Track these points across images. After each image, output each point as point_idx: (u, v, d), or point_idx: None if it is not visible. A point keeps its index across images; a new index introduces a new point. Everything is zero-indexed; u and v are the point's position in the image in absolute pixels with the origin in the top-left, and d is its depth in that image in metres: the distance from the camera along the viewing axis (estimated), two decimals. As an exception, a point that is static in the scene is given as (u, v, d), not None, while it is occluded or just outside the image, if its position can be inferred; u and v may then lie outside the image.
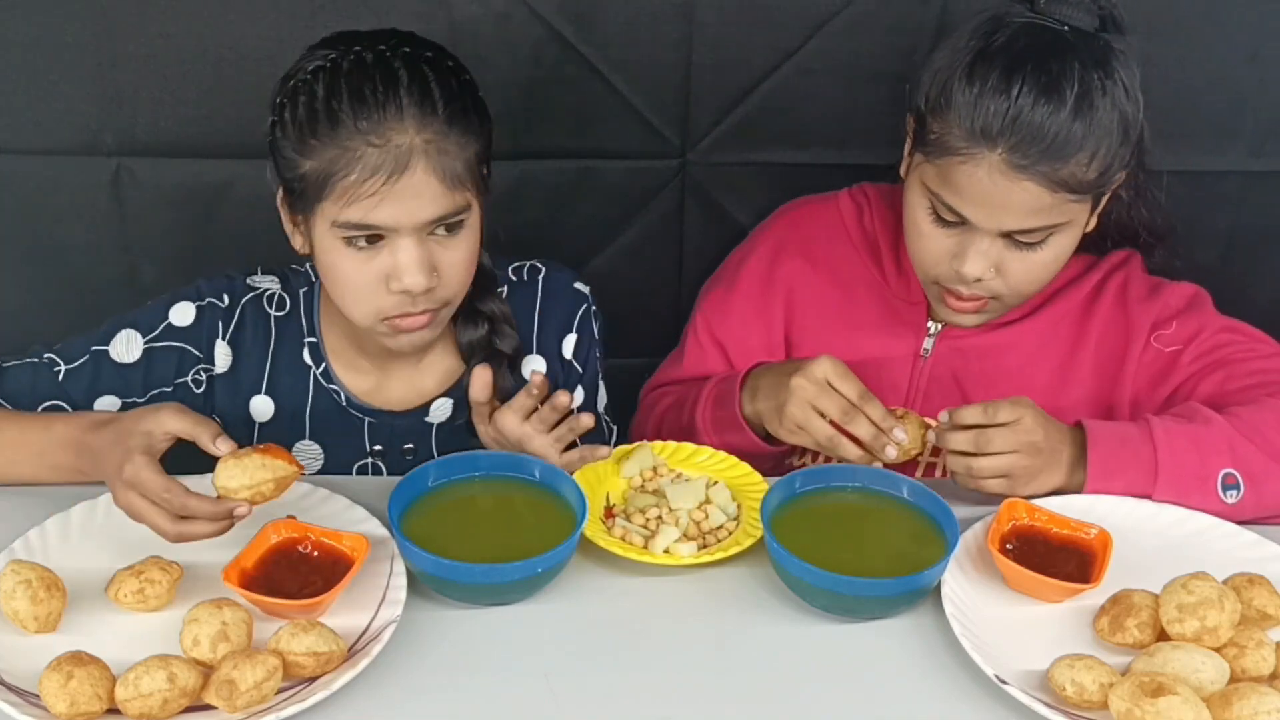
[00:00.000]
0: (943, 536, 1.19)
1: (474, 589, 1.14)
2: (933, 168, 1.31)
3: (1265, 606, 1.14)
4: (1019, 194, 1.26)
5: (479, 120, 1.27)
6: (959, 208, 1.30)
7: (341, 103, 1.21)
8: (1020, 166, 1.25)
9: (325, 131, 1.21)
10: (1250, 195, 1.73)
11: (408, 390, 1.43)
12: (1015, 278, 1.34)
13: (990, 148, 1.26)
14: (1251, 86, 1.66)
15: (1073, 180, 1.26)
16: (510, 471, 1.26)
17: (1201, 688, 1.04)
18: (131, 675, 1.00)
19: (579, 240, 1.75)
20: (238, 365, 1.40)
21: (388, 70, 1.22)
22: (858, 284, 1.51)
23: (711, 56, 1.64)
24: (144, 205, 1.66)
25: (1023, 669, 1.09)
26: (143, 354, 1.36)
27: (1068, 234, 1.32)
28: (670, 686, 1.08)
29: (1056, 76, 1.25)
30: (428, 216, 1.23)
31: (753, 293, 1.54)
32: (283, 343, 1.41)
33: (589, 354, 1.48)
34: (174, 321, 1.38)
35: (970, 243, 1.31)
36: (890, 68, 1.65)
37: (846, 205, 1.54)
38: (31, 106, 1.60)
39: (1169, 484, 1.28)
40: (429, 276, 1.25)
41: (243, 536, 1.16)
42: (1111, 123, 1.27)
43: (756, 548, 1.21)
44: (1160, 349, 1.43)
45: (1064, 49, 1.27)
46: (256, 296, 1.41)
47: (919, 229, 1.36)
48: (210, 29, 1.56)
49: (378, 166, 1.20)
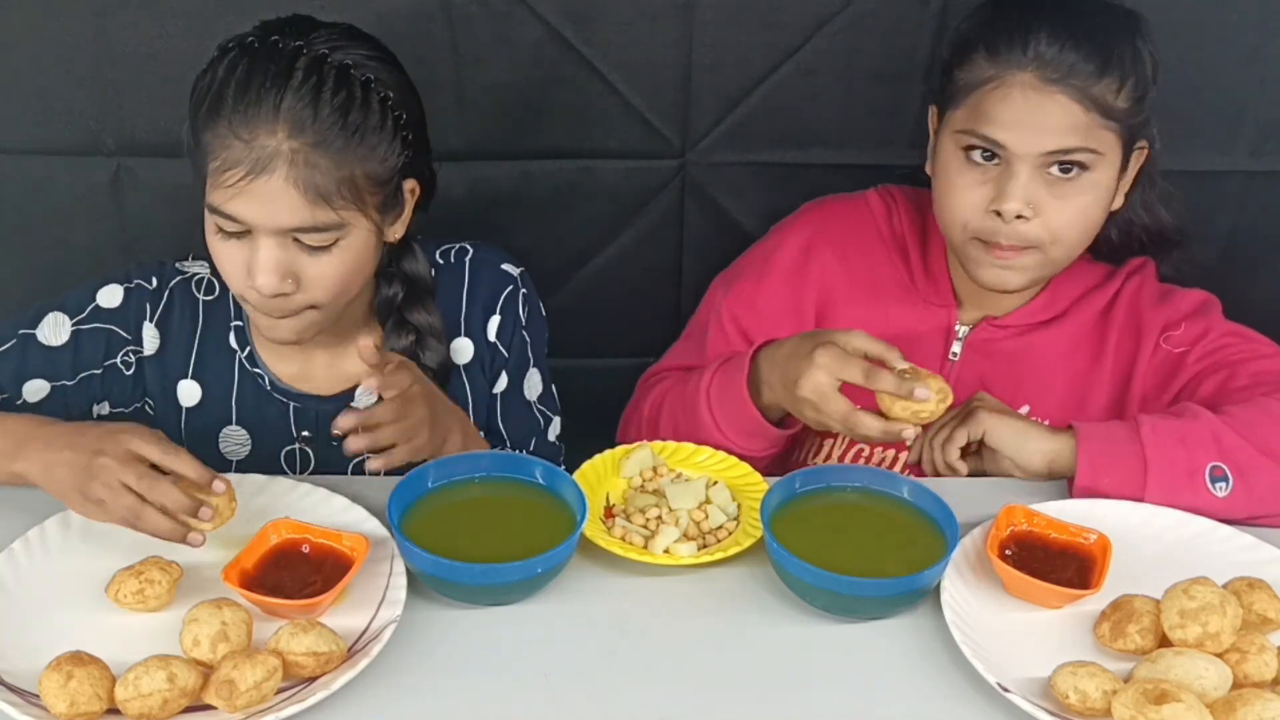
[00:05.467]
0: (943, 537, 1.19)
1: (474, 589, 1.14)
2: (962, 110, 1.35)
3: (1266, 610, 1.14)
4: (1053, 108, 1.30)
5: (380, 140, 1.24)
6: (994, 134, 1.32)
7: (228, 89, 1.21)
8: (1052, 80, 1.30)
9: (209, 112, 1.22)
10: (1250, 195, 1.73)
11: (332, 374, 1.43)
12: (1056, 220, 1.34)
13: (1020, 67, 1.31)
14: (1251, 86, 1.66)
15: (1104, 102, 1.30)
16: (510, 471, 1.25)
17: (1205, 694, 1.03)
18: (131, 675, 1.00)
19: (579, 240, 1.75)
20: (165, 348, 1.40)
21: (286, 68, 1.21)
22: (888, 284, 1.51)
23: (711, 56, 1.64)
24: (144, 205, 1.66)
25: (1024, 676, 1.08)
26: (71, 336, 1.36)
27: (1100, 175, 1.34)
28: (670, 686, 1.08)
29: (1079, 6, 1.34)
30: (285, 224, 1.22)
31: (784, 285, 1.52)
32: (210, 327, 1.41)
33: (513, 336, 1.46)
34: (101, 303, 1.38)
35: (1009, 176, 1.33)
36: (890, 68, 1.65)
37: (876, 204, 1.54)
38: (31, 106, 1.60)
39: (1159, 480, 1.29)
40: (281, 281, 1.23)
41: (243, 537, 1.16)
42: (1138, 55, 1.33)
43: (756, 548, 1.21)
44: (1169, 350, 1.45)
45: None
46: (185, 280, 1.41)
47: (952, 182, 1.37)
48: (210, 29, 1.55)
49: (238, 161, 1.19)
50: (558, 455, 1.53)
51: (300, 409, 1.42)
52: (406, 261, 1.40)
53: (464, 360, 1.46)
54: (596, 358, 1.78)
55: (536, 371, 1.50)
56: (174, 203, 1.65)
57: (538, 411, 1.50)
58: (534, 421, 1.50)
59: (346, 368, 1.42)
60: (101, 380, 1.39)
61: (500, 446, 1.49)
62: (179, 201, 1.65)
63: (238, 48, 1.24)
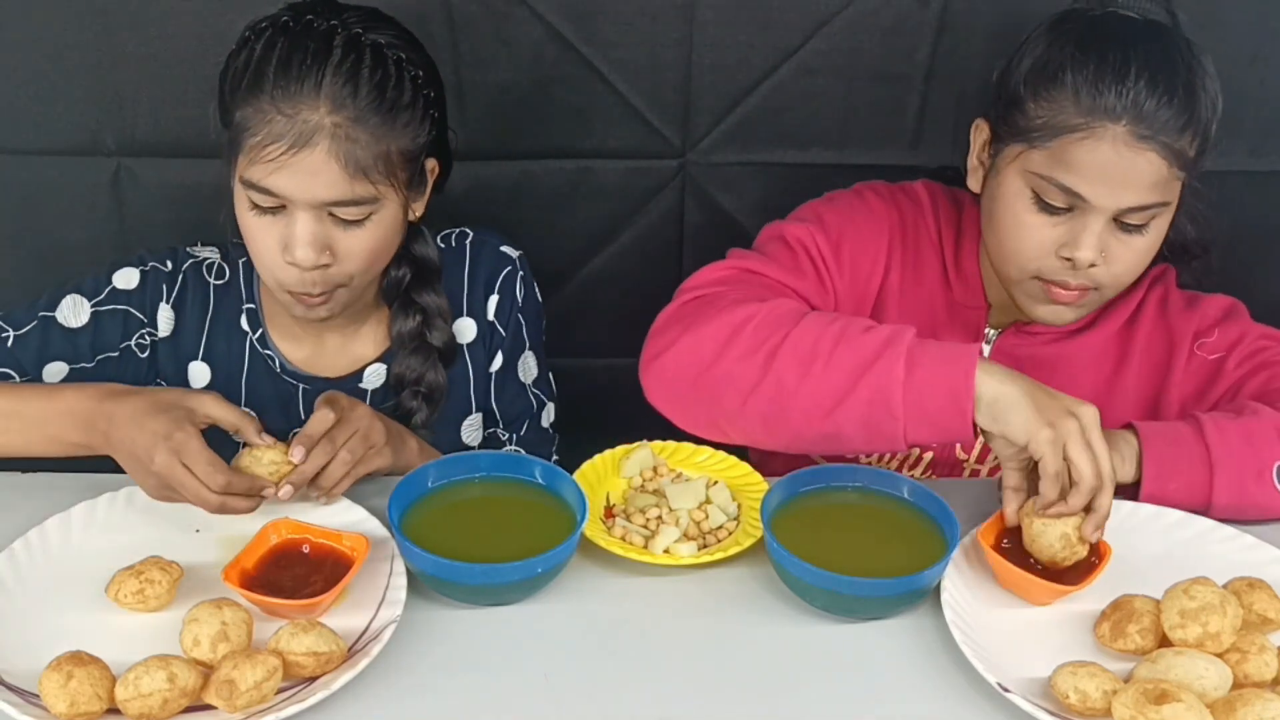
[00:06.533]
0: (943, 536, 1.19)
1: (474, 589, 1.14)
2: (1041, 153, 1.30)
3: (1266, 611, 1.14)
4: (1142, 165, 1.26)
5: (412, 118, 1.28)
6: (1076, 186, 1.28)
7: (269, 66, 1.24)
8: (1144, 137, 1.25)
9: (249, 88, 1.24)
10: (1250, 195, 1.73)
11: (342, 357, 1.46)
12: (1119, 264, 1.33)
13: (1114, 120, 1.26)
14: (1251, 86, 1.66)
15: (1184, 156, 1.28)
16: (510, 472, 1.26)
17: (1205, 694, 1.03)
18: (131, 675, 1.00)
19: (579, 240, 1.75)
20: (179, 330, 1.43)
21: (324, 45, 1.24)
22: (929, 281, 1.48)
23: (711, 56, 1.64)
24: (144, 205, 1.66)
25: (1024, 676, 1.08)
26: (90, 317, 1.38)
27: (1164, 219, 1.33)
28: (670, 686, 1.08)
29: (1167, 54, 1.28)
30: (324, 197, 1.25)
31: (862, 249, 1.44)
32: (220, 310, 1.44)
33: (510, 316, 1.49)
34: (118, 285, 1.40)
35: (1084, 226, 1.30)
36: (890, 68, 1.65)
37: (923, 196, 1.50)
38: (31, 106, 1.60)
39: (1226, 480, 1.27)
40: (319, 254, 1.27)
41: (243, 536, 1.16)
42: (1211, 101, 1.30)
43: (756, 548, 1.21)
44: (1204, 357, 1.43)
45: (1161, 31, 1.31)
46: (196, 264, 1.44)
47: (1020, 220, 1.33)
48: (210, 29, 1.56)
49: (280, 135, 1.22)
50: (550, 442, 1.54)
51: (309, 391, 1.44)
52: (416, 244, 1.43)
53: (467, 340, 1.49)
54: (597, 358, 1.78)
55: (532, 354, 1.52)
56: (174, 203, 1.65)
57: (532, 394, 1.52)
58: (527, 403, 1.52)
59: (356, 350, 1.46)
60: (118, 362, 1.41)
61: (494, 427, 1.50)
62: (179, 201, 1.65)
63: (272, 27, 1.26)
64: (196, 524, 1.22)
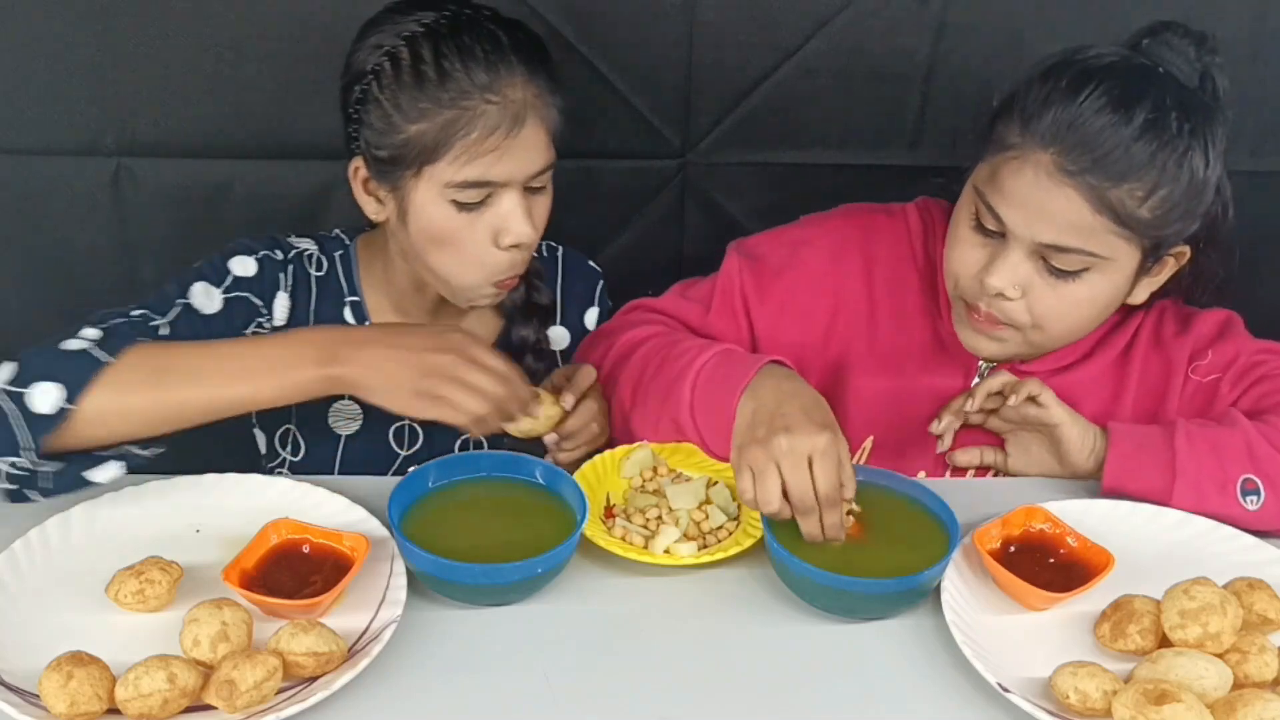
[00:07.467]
0: (943, 536, 1.19)
1: (474, 589, 1.14)
2: (986, 167, 1.30)
3: (1266, 611, 1.14)
4: (1060, 201, 1.23)
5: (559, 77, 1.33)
6: (999, 208, 1.27)
7: (453, 63, 1.25)
8: (1067, 171, 1.22)
9: (437, 92, 1.25)
10: (1250, 195, 1.72)
11: None
12: (1041, 308, 1.30)
13: (1042, 147, 1.23)
14: (1251, 86, 1.66)
15: (1120, 208, 1.22)
16: (510, 472, 1.26)
17: (1205, 694, 1.03)
18: (131, 675, 1.00)
19: (579, 240, 1.74)
20: (292, 319, 1.42)
21: (487, 31, 1.27)
22: (914, 312, 1.46)
23: (711, 56, 1.64)
24: (144, 205, 1.66)
25: (1024, 676, 1.08)
26: (223, 304, 1.36)
27: (1106, 276, 1.28)
28: (670, 686, 1.08)
29: (1133, 96, 1.22)
30: (535, 169, 1.29)
31: (802, 285, 1.46)
32: (323, 301, 1.44)
33: None
34: (237, 272, 1.39)
35: (1002, 253, 1.29)
36: (890, 68, 1.65)
37: (915, 224, 1.47)
38: (31, 106, 1.60)
39: (1185, 488, 1.27)
40: (534, 227, 1.31)
41: (243, 537, 1.16)
42: (1178, 169, 1.23)
43: (756, 548, 1.21)
44: (1200, 380, 1.41)
45: (1154, 79, 1.25)
46: (299, 254, 1.44)
47: (957, 235, 1.34)
48: (210, 29, 1.56)
49: (498, 123, 1.25)
50: None
51: None
52: None
53: (561, 348, 1.53)
54: (596, 357, 1.78)
55: None
56: (174, 203, 1.65)
57: None
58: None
59: None
60: None
61: None
62: (179, 201, 1.65)
63: (419, 35, 1.26)
64: (196, 524, 1.22)
